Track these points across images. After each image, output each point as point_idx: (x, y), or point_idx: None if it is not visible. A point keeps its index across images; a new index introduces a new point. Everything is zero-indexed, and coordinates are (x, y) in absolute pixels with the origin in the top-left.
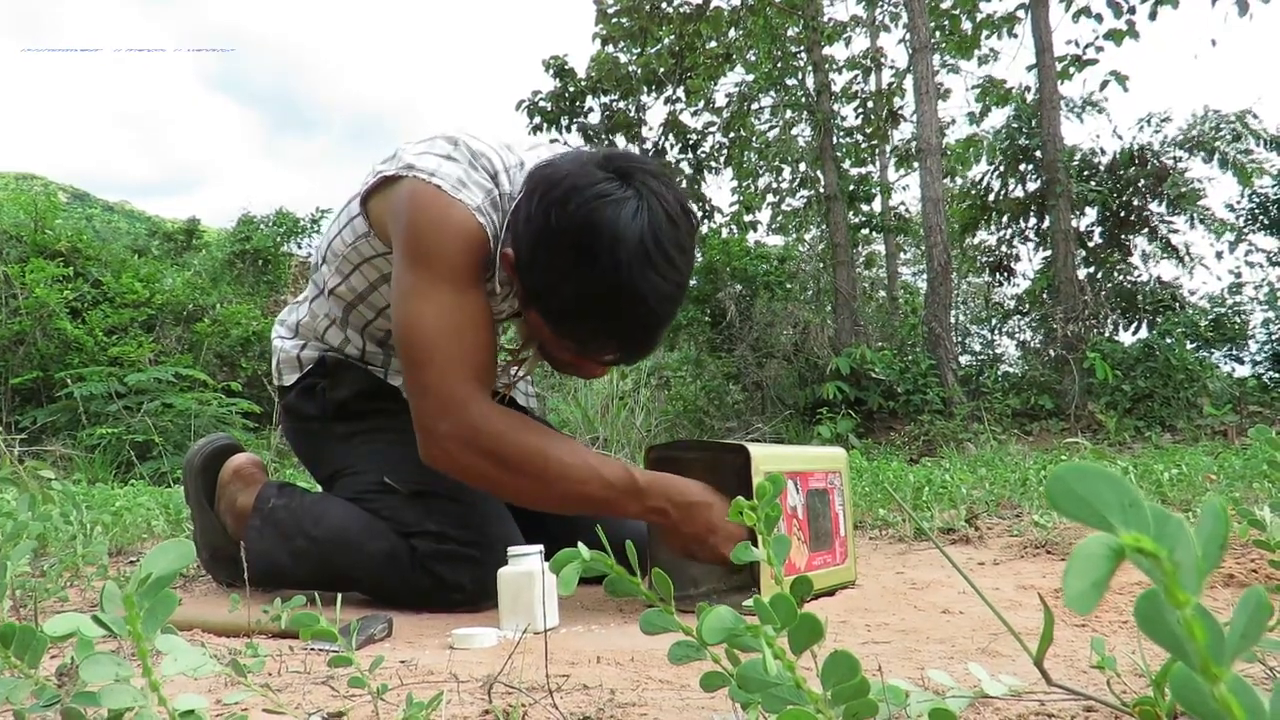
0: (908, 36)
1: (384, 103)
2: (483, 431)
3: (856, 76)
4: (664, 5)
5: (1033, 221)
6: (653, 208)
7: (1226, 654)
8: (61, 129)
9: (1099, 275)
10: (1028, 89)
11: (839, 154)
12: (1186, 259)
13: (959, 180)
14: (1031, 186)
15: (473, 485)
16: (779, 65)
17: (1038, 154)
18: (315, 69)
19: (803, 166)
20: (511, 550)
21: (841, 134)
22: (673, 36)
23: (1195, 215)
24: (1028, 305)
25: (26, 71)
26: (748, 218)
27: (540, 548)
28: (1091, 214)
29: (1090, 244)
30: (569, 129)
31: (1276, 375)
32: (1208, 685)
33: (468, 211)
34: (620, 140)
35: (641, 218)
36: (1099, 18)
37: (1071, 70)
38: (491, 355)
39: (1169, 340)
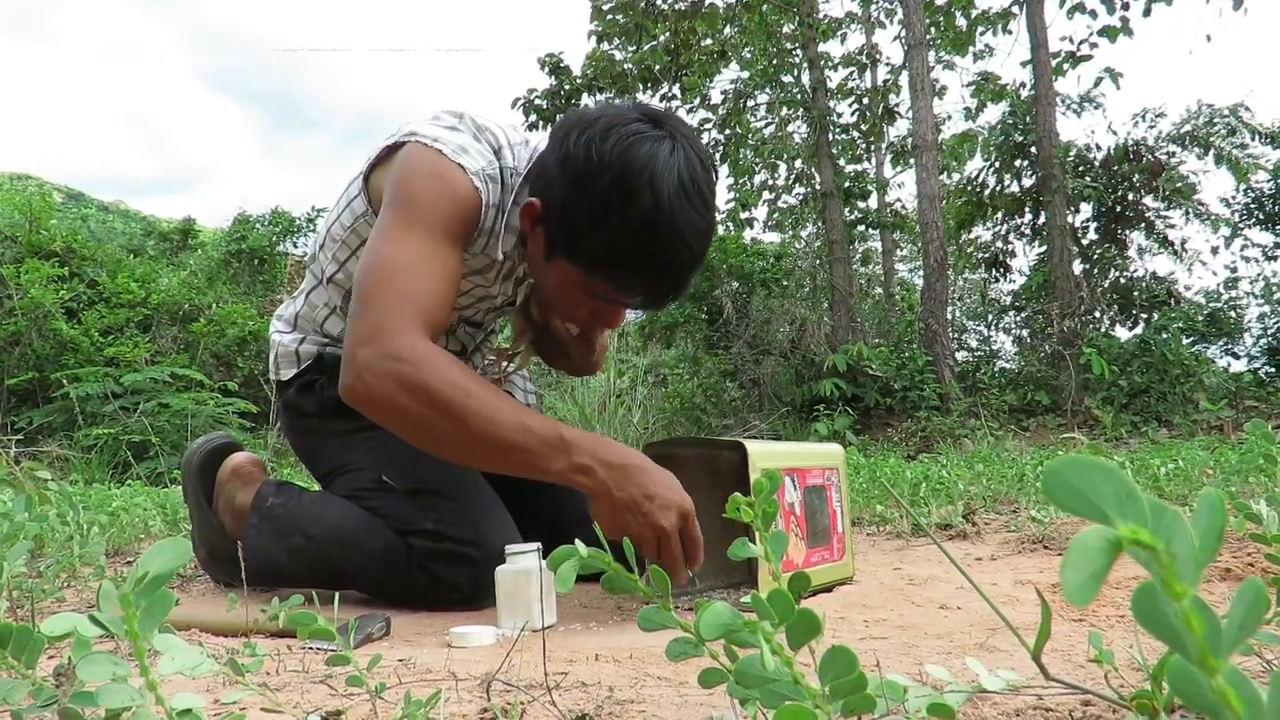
0: (903, 33)
1: (383, 102)
2: (405, 360)
3: (852, 73)
4: (659, 2)
5: (1028, 217)
6: (686, 149)
7: (1224, 646)
8: (57, 128)
9: (1095, 271)
10: (1023, 85)
11: (835, 151)
12: (1182, 254)
13: (955, 176)
14: (1027, 182)
15: (390, 427)
16: (774, 62)
17: (1033, 150)
18: (315, 69)
19: (799, 163)
20: (509, 548)
21: (837, 131)
22: (668, 33)
23: (1190, 210)
24: (1024, 301)
25: (22, 70)
26: (744, 215)
27: (538, 545)
28: (1087, 209)
29: (1086, 240)
30: None
31: (1272, 370)
32: (1205, 677)
33: (464, 174)
34: None
35: (678, 156)
36: (1093, 14)
37: (1066, 67)
38: (445, 305)
39: (1165, 336)
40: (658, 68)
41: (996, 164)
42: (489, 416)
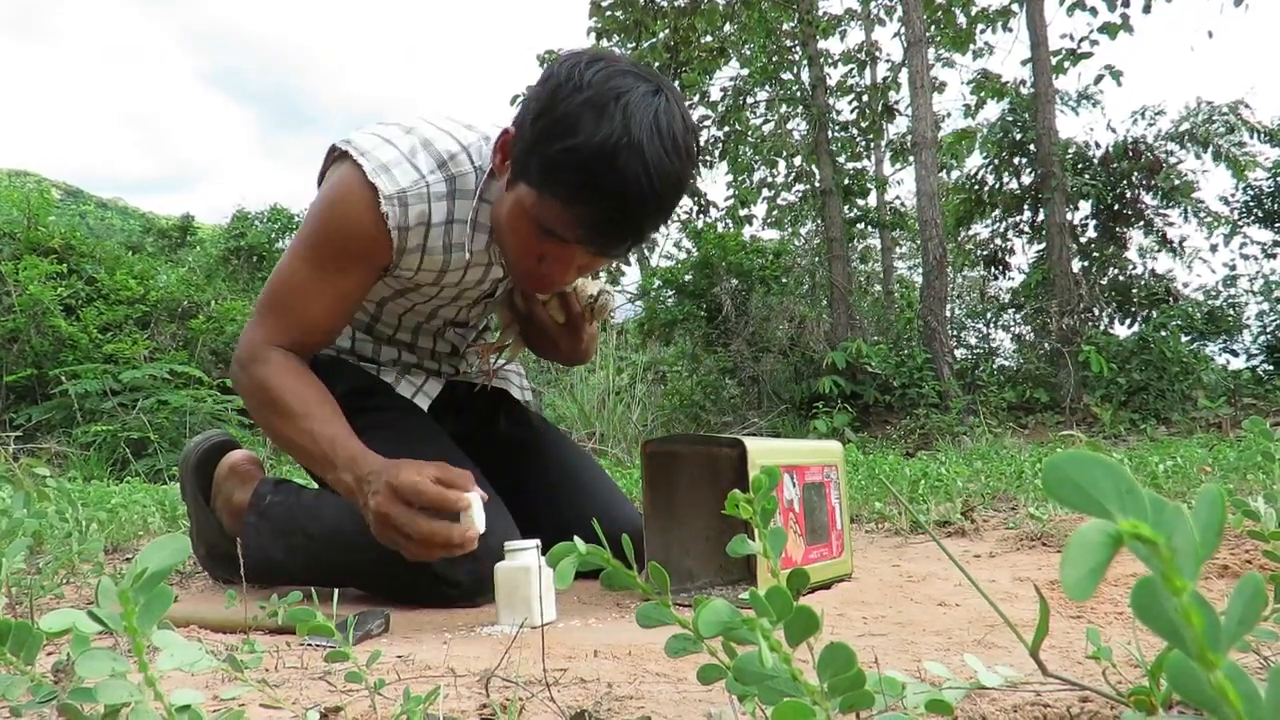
0: (903, 30)
1: (382, 100)
2: (261, 364)
3: (851, 70)
4: None
5: (1027, 215)
6: (670, 101)
7: (1223, 640)
8: (56, 125)
9: (1094, 269)
10: (1023, 83)
11: (834, 148)
12: (1181, 252)
13: (954, 174)
14: (1026, 180)
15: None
16: (774, 59)
17: (1032, 147)
18: (315, 67)
19: (798, 161)
20: (508, 544)
21: (837, 128)
22: (667, 30)
23: (1189, 208)
24: (1023, 299)
25: (21, 68)
26: (743, 212)
27: (537, 542)
28: (1086, 207)
29: (1085, 237)
30: None
31: (1270, 367)
32: (1204, 672)
33: (369, 204)
34: None
35: (660, 100)
36: (1094, 11)
37: (1067, 64)
38: (321, 322)
39: (1164, 333)
40: (657, 65)
41: (995, 161)
42: (295, 423)
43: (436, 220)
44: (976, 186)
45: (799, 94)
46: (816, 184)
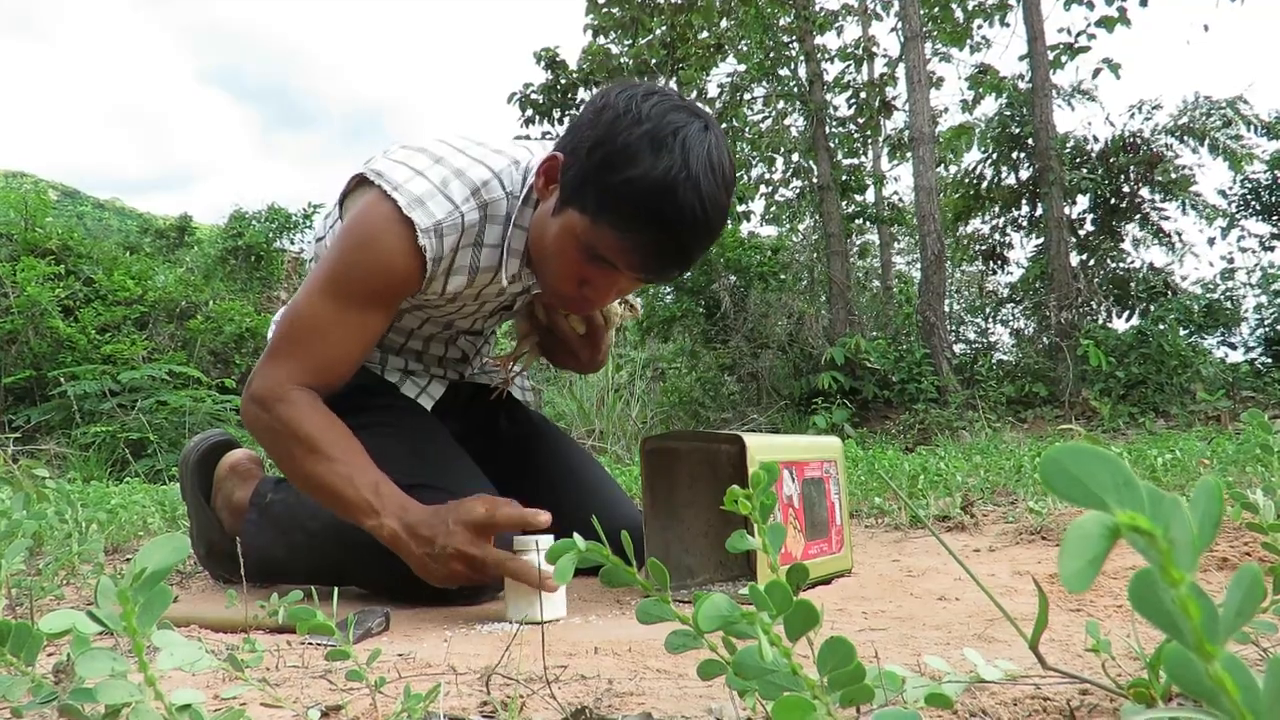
0: (900, 25)
1: (381, 98)
2: (284, 403)
3: (849, 66)
4: None
5: (1025, 209)
6: (718, 139)
7: (1221, 631)
8: (53, 126)
9: (1092, 262)
10: (1020, 77)
11: (832, 144)
12: (1178, 245)
13: (952, 169)
14: (1024, 174)
15: (265, 451)
16: (771, 55)
17: (1030, 142)
18: (313, 66)
19: (796, 157)
20: (517, 540)
21: (834, 124)
22: (664, 27)
23: (1187, 201)
24: (1021, 293)
25: (17, 68)
26: (741, 208)
27: (547, 538)
28: (1084, 201)
29: (1083, 231)
30: (561, 121)
31: (1269, 360)
32: (1202, 664)
33: (405, 239)
34: None
35: (710, 137)
36: (1090, 4)
37: (1065, 59)
38: (343, 363)
39: (1162, 326)
40: (654, 61)
41: (993, 156)
42: (330, 466)
43: (464, 244)
44: (974, 181)
45: (796, 90)
46: (814, 180)
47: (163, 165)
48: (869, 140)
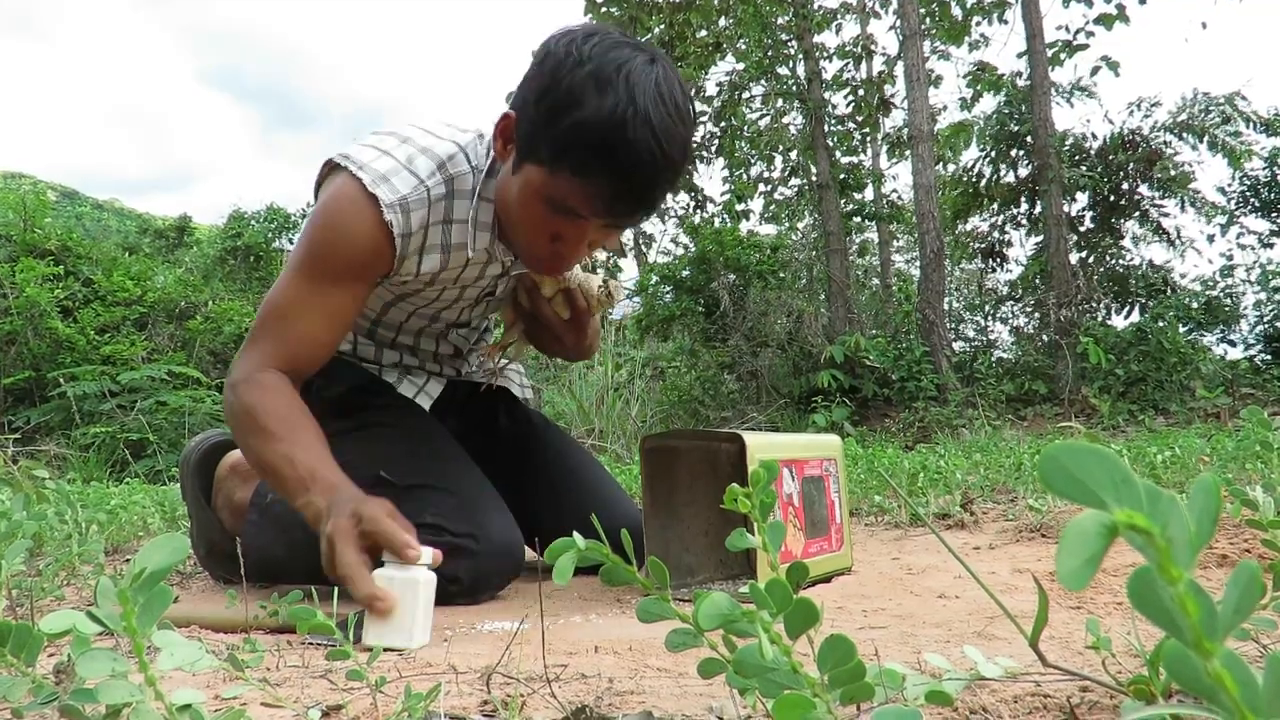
0: (898, 23)
1: (381, 98)
2: (253, 385)
3: (847, 64)
4: None
5: (1024, 207)
6: (666, 70)
7: (1220, 629)
8: (51, 126)
9: (1091, 260)
10: (1019, 75)
11: (831, 142)
12: (1178, 242)
13: (950, 167)
14: (1023, 172)
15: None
16: (769, 54)
17: (1029, 139)
18: (313, 66)
19: (794, 155)
20: (387, 559)
21: (833, 122)
22: (662, 26)
23: (1186, 198)
24: (1021, 291)
25: (16, 68)
26: (740, 207)
27: (429, 561)
28: (1083, 199)
29: (1082, 229)
30: None
31: (1268, 357)
32: (1201, 661)
33: (370, 215)
34: None
35: (658, 69)
36: (1089, 2)
37: (1063, 56)
38: (318, 342)
39: (1161, 324)
40: None
41: (992, 154)
42: (272, 445)
43: (434, 220)
44: (973, 179)
45: (795, 88)
46: (813, 178)
47: (162, 165)
48: (868, 138)
